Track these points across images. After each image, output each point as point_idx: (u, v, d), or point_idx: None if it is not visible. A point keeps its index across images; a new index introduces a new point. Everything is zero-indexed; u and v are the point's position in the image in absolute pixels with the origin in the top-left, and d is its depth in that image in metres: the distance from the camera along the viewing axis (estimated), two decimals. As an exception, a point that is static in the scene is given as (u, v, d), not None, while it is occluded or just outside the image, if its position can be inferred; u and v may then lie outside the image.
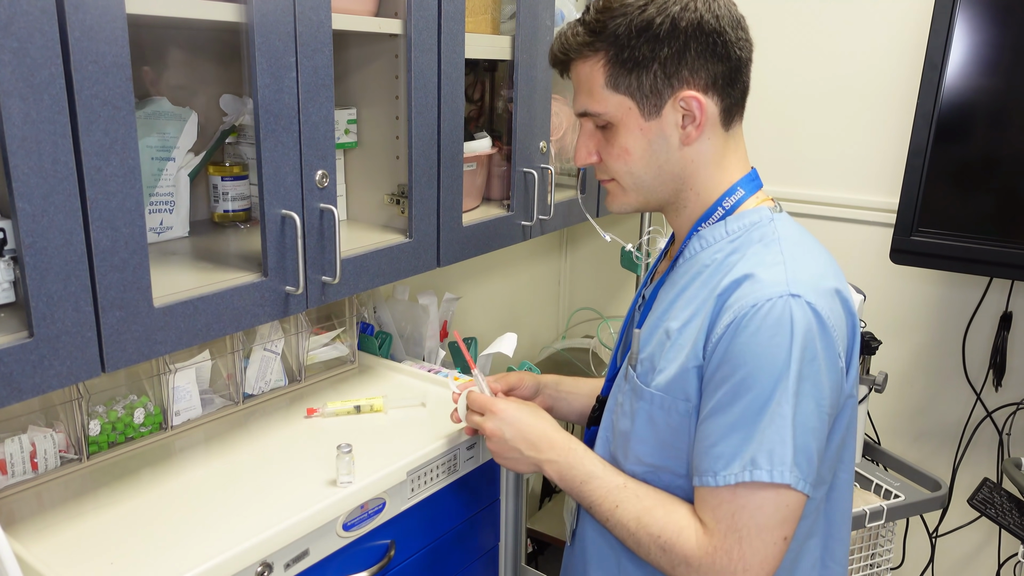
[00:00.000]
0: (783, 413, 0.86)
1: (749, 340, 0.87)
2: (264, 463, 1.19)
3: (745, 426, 0.87)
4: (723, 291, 0.91)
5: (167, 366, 1.23)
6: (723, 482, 0.88)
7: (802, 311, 0.86)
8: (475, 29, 1.44)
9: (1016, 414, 1.91)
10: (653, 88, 0.94)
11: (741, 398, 0.87)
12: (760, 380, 0.86)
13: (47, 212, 0.83)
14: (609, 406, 1.06)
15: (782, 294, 0.87)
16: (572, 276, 2.54)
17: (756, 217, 0.98)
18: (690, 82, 0.93)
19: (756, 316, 0.87)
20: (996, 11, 1.53)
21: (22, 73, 0.78)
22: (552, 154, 1.66)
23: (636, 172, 0.98)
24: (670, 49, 0.92)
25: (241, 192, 1.32)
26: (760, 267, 0.90)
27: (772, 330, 0.86)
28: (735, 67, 0.95)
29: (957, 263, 1.65)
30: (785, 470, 0.85)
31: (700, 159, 0.98)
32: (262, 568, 1.00)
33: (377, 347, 1.61)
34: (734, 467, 0.87)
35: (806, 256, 0.94)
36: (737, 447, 0.87)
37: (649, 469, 0.98)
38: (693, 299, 0.95)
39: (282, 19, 1.03)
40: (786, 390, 0.86)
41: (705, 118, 0.94)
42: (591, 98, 0.97)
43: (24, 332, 0.85)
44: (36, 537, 1.00)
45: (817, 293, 0.88)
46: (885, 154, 1.95)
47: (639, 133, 0.96)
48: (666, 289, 1.02)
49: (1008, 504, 1.56)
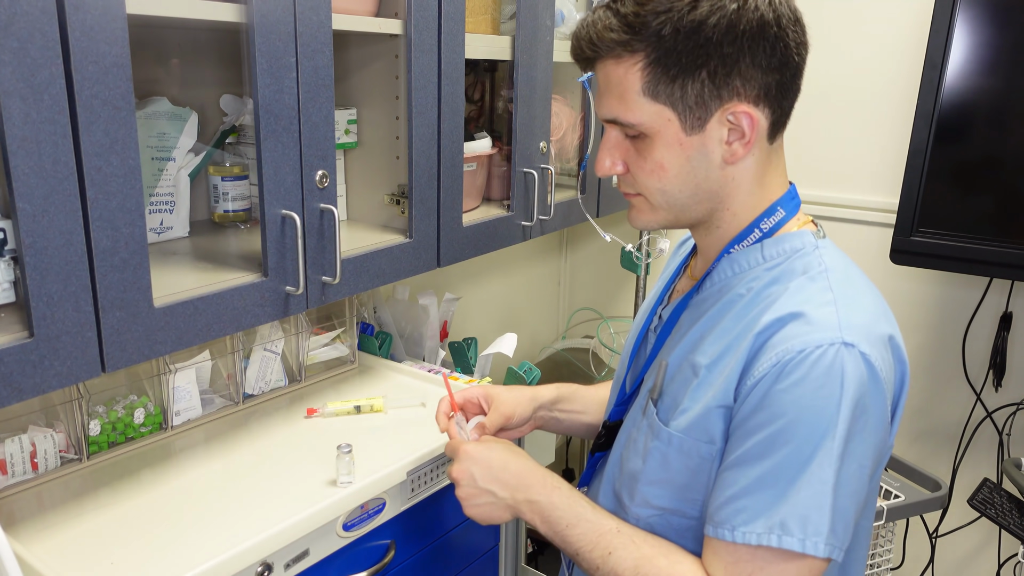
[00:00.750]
0: (824, 477, 0.76)
1: (793, 389, 0.77)
2: (264, 463, 1.19)
3: (777, 483, 0.77)
4: (764, 329, 0.80)
5: (167, 366, 1.23)
6: (742, 539, 0.79)
7: (855, 363, 0.77)
8: (475, 29, 1.44)
9: (1016, 414, 1.91)
10: (699, 99, 0.81)
11: (777, 451, 0.78)
12: (801, 434, 0.77)
13: (47, 212, 0.83)
14: (620, 440, 0.97)
15: (834, 341, 0.77)
16: (572, 276, 2.54)
17: (799, 243, 0.88)
18: (741, 93, 0.82)
19: (804, 363, 0.77)
20: (996, 11, 1.53)
21: (22, 73, 0.78)
22: (552, 154, 1.66)
23: (669, 190, 0.87)
24: (723, 55, 0.79)
25: (241, 192, 1.33)
26: (808, 305, 0.80)
27: (821, 381, 0.76)
28: (791, 75, 0.84)
29: (957, 263, 1.65)
30: (820, 541, 0.77)
31: (741, 177, 0.87)
32: (262, 568, 1.00)
33: (377, 347, 1.61)
34: (757, 525, 0.78)
35: (858, 296, 0.84)
36: (766, 504, 0.78)
37: (656, 513, 0.89)
38: (726, 333, 0.85)
39: (282, 19, 1.03)
40: (831, 451, 0.76)
41: (756, 135, 0.83)
42: (623, 105, 0.84)
43: (24, 332, 0.85)
44: (36, 537, 1.00)
45: (871, 342, 0.79)
46: (885, 154, 1.95)
47: (678, 148, 0.84)
48: (690, 315, 0.92)
49: (1008, 504, 1.56)
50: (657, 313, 1.00)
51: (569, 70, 1.76)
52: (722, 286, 0.90)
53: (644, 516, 0.90)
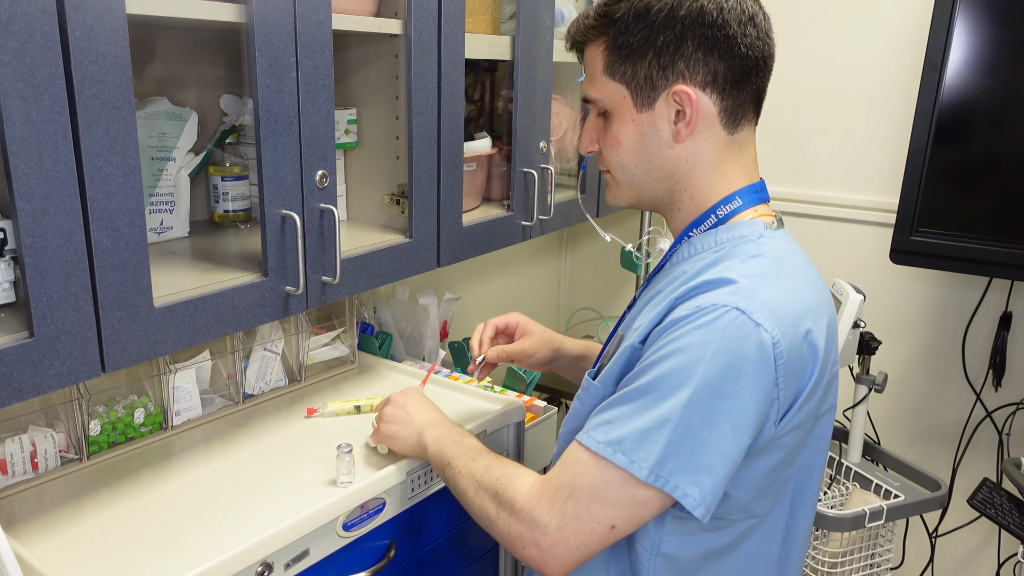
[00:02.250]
0: (669, 417, 0.81)
1: (675, 331, 0.84)
2: (264, 463, 1.19)
3: (630, 404, 0.84)
4: (680, 293, 0.88)
5: (167, 366, 1.23)
6: (585, 441, 0.86)
7: (743, 329, 0.81)
8: (475, 29, 1.44)
9: (1016, 414, 1.91)
10: (647, 78, 0.90)
11: (641, 378, 0.85)
12: (665, 371, 0.83)
13: (47, 212, 0.83)
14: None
15: (728, 304, 0.82)
16: (572, 276, 2.54)
17: (747, 231, 0.92)
18: (686, 76, 0.89)
19: (694, 317, 0.83)
20: (996, 11, 1.53)
21: (22, 73, 0.78)
22: (552, 154, 1.66)
23: (626, 165, 0.95)
24: (666, 38, 0.88)
25: (241, 192, 1.33)
26: (721, 276, 0.86)
27: (701, 334, 0.82)
28: (742, 66, 0.89)
29: (957, 263, 1.65)
30: (645, 466, 0.82)
31: (695, 160, 0.93)
32: (262, 568, 1.00)
33: (377, 347, 1.61)
34: (600, 434, 0.85)
35: (780, 281, 0.87)
36: (614, 420, 0.85)
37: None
38: (661, 304, 0.91)
39: (282, 19, 1.03)
40: (681, 395, 0.81)
41: (696, 116, 0.90)
42: (591, 84, 0.95)
43: (24, 332, 0.85)
44: (36, 537, 1.00)
45: (774, 318, 0.83)
46: (885, 154, 1.95)
47: (631, 124, 0.93)
48: (646, 294, 0.99)
49: (1008, 504, 1.56)
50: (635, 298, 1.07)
51: (569, 70, 1.76)
52: (675, 267, 0.96)
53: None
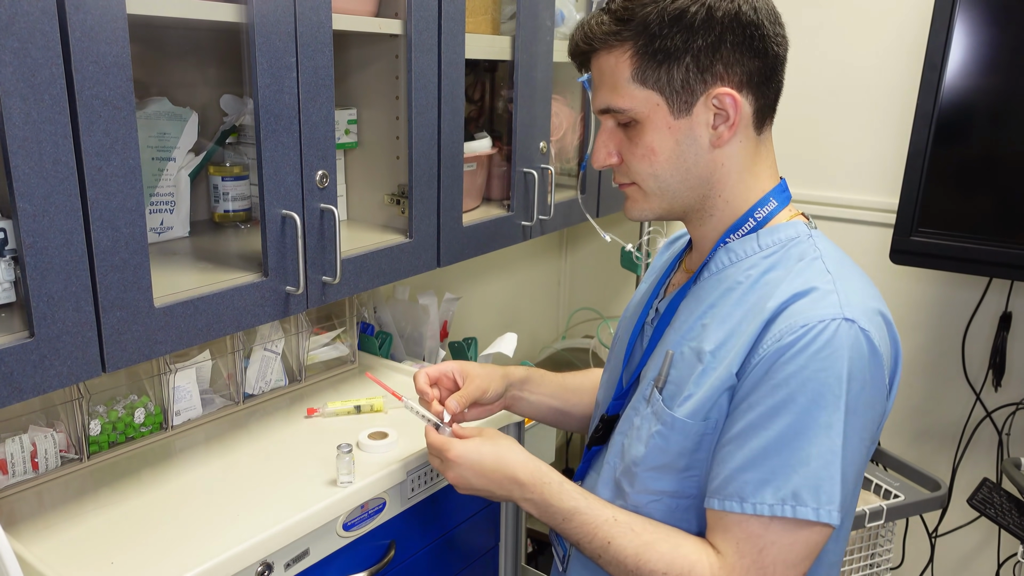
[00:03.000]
0: (832, 447, 0.79)
1: (795, 360, 0.80)
2: (264, 463, 1.19)
3: (782, 452, 0.80)
4: (769, 312, 0.84)
5: (167, 366, 1.23)
6: (752, 511, 0.81)
7: (855, 337, 0.80)
8: (475, 29, 1.44)
9: (1016, 414, 1.91)
10: (684, 83, 0.86)
11: (780, 421, 0.80)
12: (803, 405, 0.79)
13: (48, 212, 0.83)
14: (622, 428, 0.98)
15: (835, 317, 0.80)
16: (572, 276, 2.54)
17: (793, 232, 0.91)
18: (724, 78, 0.86)
19: (806, 337, 0.80)
20: (996, 11, 1.53)
21: (23, 73, 0.78)
22: (552, 154, 1.66)
23: (661, 175, 0.90)
24: (704, 41, 0.85)
25: (241, 192, 1.33)
26: (809, 285, 0.84)
27: (823, 353, 0.79)
28: (771, 64, 0.88)
29: (957, 263, 1.65)
30: (833, 509, 0.79)
31: (730, 163, 0.90)
32: (262, 568, 1.00)
33: (377, 347, 1.61)
34: (766, 495, 0.80)
35: (853, 277, 0.88)
36: (772, 474, 0.80)
37: (655, 497, 0.91)
38: (728, 319, 0.88)
39: (282, 19, 1.03)
40: (836, 421, 0.79)
41: (739, 118, 0.87)
42: (615, 93, 0.89)
43: (25, 332, 0.85)
44: (36, 537, 1.00)
45: (868, 317, 0.82)
46: (885, 154, 1.95)
47: (667, 132, 0.88)
48: (689, 305, 0.94)
49: (1008, 504, 1.56)
50: (653, 307, 1.02)
51: (569, 70, 1.76)
52: (720, 275, 0.93)
53: (643, 503, 0.92)
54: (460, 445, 0.98)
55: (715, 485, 0.84)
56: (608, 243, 1.76)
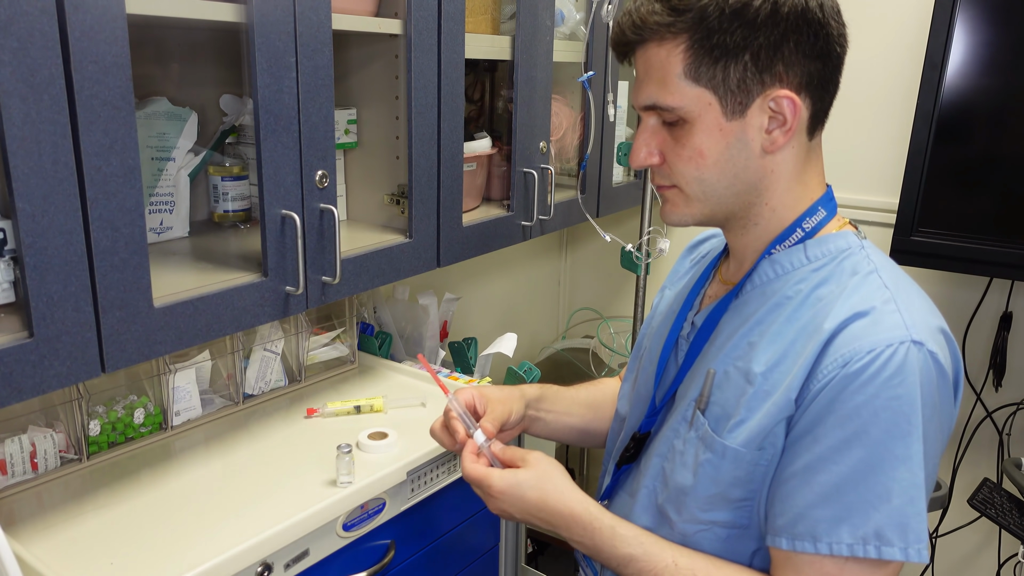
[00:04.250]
0: (914, 481, 0.75)
1: (865, 389, 0.75)
2: (264, 463, 1.19)
3: (858, 488, 0.75)
4: (827, 332, 0.78)
5: (167, 366, 1.23)
6: (828, 551, 0.76)
7: (924, 360, 0.76)
8: (475, 29, 1.44)
9: (1016, 414, 1.91)
10: (741, 83, 0.80)
11: (852, 455, 0.75)
12: (877, 437, 0.75)
13: (47, 212, 0.83)
14: (660, 451, 0.92)
15: (903, 340, 0.75)
16: (572, 276, 2.54)
17: (844, 244, 0.86)
18: (783, 79, 0.80)
19: (875, 363, 0.75)
20: (996, 11, 1.53)
21: (22, 73, 0.78)
22: (552, 154, 1.66)
23: (707, 179, 0.84)
24: (766, 38, 0.78)
25: (241, 192, 1.32)
26: (868, 304, 0.79)
27: (895, 381, 0.74)
28: (833, 66, 0.83)
29: (957, 263, 1.65)
30: (923, 548, 0.74)
31: (780, 170, 0.85)
32: (262, 568, 1.00)
33: (377, 347, 1.61)
34: (842, 534, 0.75)
35: (912, 293, 0.83)
36: (847, 512, 0.75)
37: (705, 527, 0.86)
38: (779, 337, 0.83)
39: (282, 19, 1.03)
40: (914, 453, 0.75)
41: (796, 122, 0.82)
42: (664, 89, 0.82)
43: (24, 332, 0.85)
44: (36, 537, 1.00)
45: (933, 338, 0.78)
46: (885, 154, 1.95)
47: (717, 134, 0.82)
48: (732, 320, 0.89)
49: (1008, 504, 1.56)
50: (688, 320, 0.96)
51: (569, 70, 1.76)
52: (766, 289, 0.88)
53: (691, 532, 0.87)
54: (501, 480, 0.90)
55: (782, 522, 0.79)
56: (608, 243, 1.75)
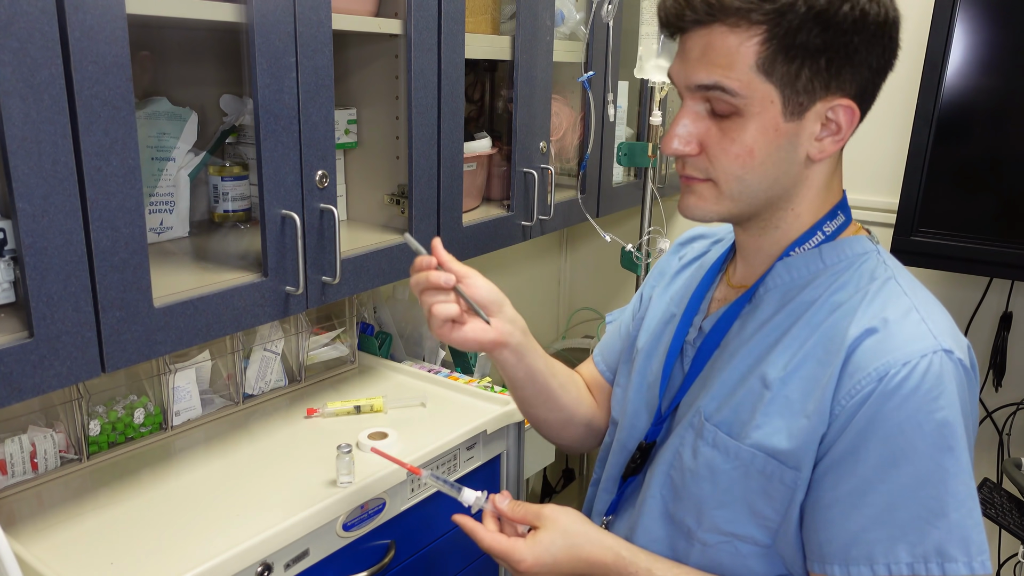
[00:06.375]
0: (968, 492, 0.73)
1: (906, 404, 0.73)
2: (264, 463, 1.19)
3: (911, 505, 0.73)
4: (852, 340, 0.77)
5: (167, 366, 1.23)
6: (886, 571, 0.73)
7: (956, 368, 0.75)
8: (475, 29, 1.44)
9: (1016, 414, 1.91)
10: (808, 85, 0.76)
11: (901, 472, 0.73)
12: (925, 451, 0.73)
13: (47, 212, 0.83)
14: (666, 459, 0.89)
15: (935, 349, 0.74)
16: (572, 276, 2.54)
17: (859, 248, 0.85)
18: (845, 87, 0.77)
19: (912, 376, 0.73)
20: (996, 11, 1.53)
21: (22, 73, 0.78)
22: (552, 154, 1.66)
23: (749, 178, 0.80)
24: (846, 45, 0.75)
25: (241, 192, 1.32)
26: (891, 312, 0.77)
27: (934, 392, 0.73)
28: (884, 79, 0.81)
29: (957, 263, 1.65)
30: (985, 559, 0.72)
31: (814, 178, 0.83)
32: (262, 568, 1.00)
33: (377, 347, 1.61)
34: (900, 553, 0.73)
35: (928, 299, 0.82)
36: (902, 530, 0.73)
37: (725, 539, 0.84)
38: (796, 342, 0.81)
39: (282, 19, 1.03)
40: (963, 463, 0.73)
41: (850, 133, 0.79)
42: (729, 72, 0.76)
43: (24, 332, 0.85)
44: (36, 537, 1.00)
45: (958, 344, 0.77)
46: (885, 154, 1.95)
47: (773, 134, 0.77)
48: (744, 325, 0.87)
49: (1008, 504, 1.56)
50: (695, 325, 0.93)
51: (569, 70, 1.76)
52: (783, 292, 0.85)
53: (713, 542, 0.85)
54: (530, 553, 0.84)
55: (832, 549, 0.76)
56: (608, 243, 1.75)
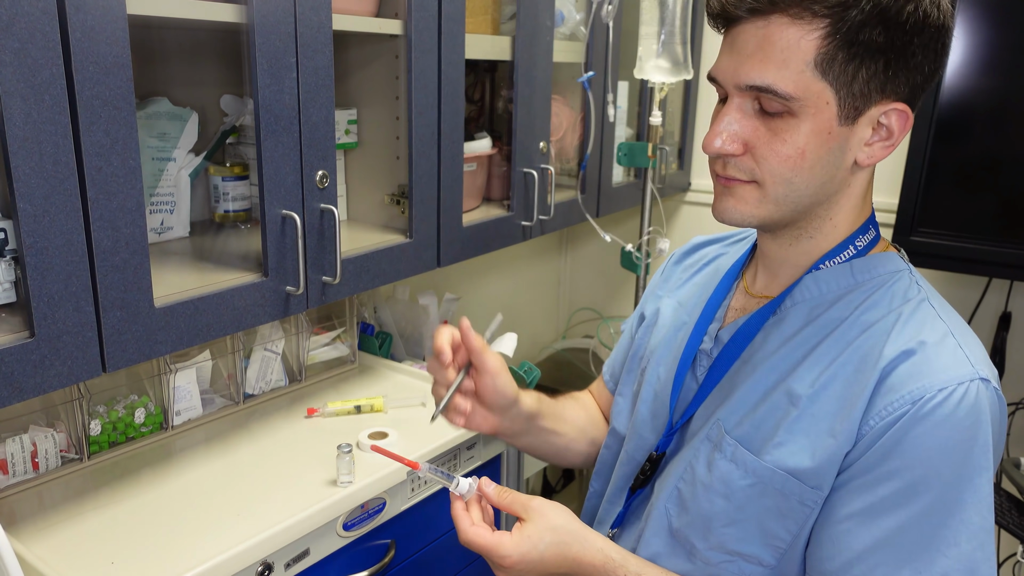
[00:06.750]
0: (984, 524, 0.71)
1: (937, 432, 0.71)
2: (264, 463, 1.19)
3: (923, 531, 0.71)
4: (887, 361, 0.74)
5: (168, 366, 1.23)
6: None
7: (992, 399, 0.73)
8: (475, 29, 1.44)
9: (1016, 414, 1.91)
10: (864, 89, 0.73)
11: (921, 498, 0.71)
12: (948, 479, 0.71)
13: (48, 212, 0.83)
14: (677, 472, 0.87)
15: (972, 377, 0.72)
16: (572, 276, 2.54)
17: (892, 266, 0.82)
18: (898, 92, 0.74)
19: (947, 403, 0.71)
20: (996, 11, 1.53)
21: (23, 73, 0.78)
22: (552, 154, 1.66)
23: (798, 183, 0.76)
24: (907, 46, 0.72)
25: (241, 192, 1.33)
26: (927, 336, 0.75)
27: (967, 422, 0.71)
28: (932, 84, 0.78)
29: (957, 263, 1.65)
30: None
31: (856, 186, 0.80)
32: (262, 568, 1.00)
33: (377, 347, 1.61)
34: None
35: (961, 322, 0.79)
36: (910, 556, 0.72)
37: (730, 558, 0.81)
38: (825, 359, 0.78)
39: (282, 19, 1.03)
40: (984, 495, 0.72)
41: (901, 139, 0.76)
42: (783, 72, 0.72)
43: (25, 332, 0.85)
44: (37, 536, 1.00)
45: (992, 373, 0.75)
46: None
47: (826, 137, 0.74)
48: (768, 337, 0.84)
49: (1008, 504, 1.56)
50: (711, 334, 0.90)
51: (569, 70, 1.76)
52: (810, 307, 0.82)
53: (716, 561, 0.82)
54: (515, 548, 0.79)
55: (833, 566, 0.75)
56: (608, 243, 1.76)
